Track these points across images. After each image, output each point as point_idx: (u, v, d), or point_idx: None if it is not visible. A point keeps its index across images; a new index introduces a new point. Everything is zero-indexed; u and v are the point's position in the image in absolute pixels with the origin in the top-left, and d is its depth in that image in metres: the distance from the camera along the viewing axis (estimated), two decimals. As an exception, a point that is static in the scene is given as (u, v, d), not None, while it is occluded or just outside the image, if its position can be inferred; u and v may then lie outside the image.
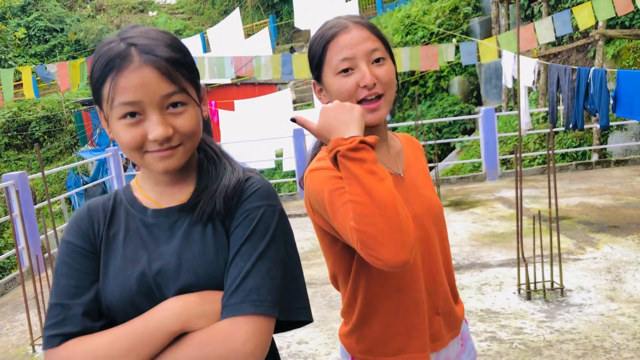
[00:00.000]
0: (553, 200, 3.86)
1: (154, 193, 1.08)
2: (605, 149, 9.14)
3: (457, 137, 11.61)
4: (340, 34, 1.21)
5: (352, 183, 1.04)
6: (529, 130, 8.11)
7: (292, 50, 17.74)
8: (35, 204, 6.20)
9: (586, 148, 9.07)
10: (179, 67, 0.98)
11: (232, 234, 1.01)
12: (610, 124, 7.45)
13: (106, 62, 0.96)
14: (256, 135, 10.19)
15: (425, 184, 1.35)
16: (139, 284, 0.99)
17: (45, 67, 8.67)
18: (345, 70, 1.21)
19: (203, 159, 1.09)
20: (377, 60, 1.21)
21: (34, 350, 3.81)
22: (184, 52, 1.01)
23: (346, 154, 1.04)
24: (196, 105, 1.02)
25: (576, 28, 7.82)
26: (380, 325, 1.27)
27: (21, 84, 9.18)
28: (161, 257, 1.00)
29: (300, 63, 7.67)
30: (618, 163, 8.35)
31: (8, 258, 6.82)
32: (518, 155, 3.83)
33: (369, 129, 1.23)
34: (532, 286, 3.89)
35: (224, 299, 0.96)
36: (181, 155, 1.00)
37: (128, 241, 1.04)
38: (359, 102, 1.21)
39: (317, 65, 1.27)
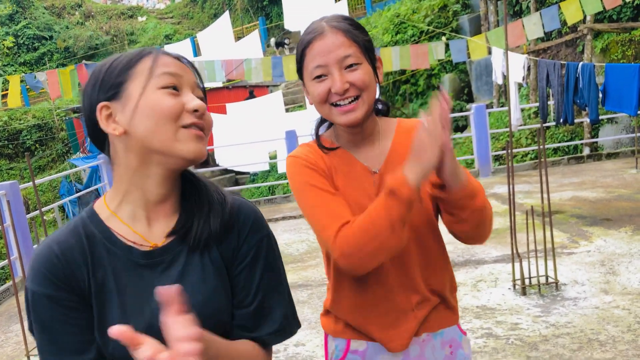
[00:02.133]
0: (545, 195, 3.87)
1: (137, 220, 0.98)
2: (596, 142, 9.19)
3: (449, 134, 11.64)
4: (316, 40, 1.24)
5: (381, 217, 1.15)
6: (520, 125, 8.15)
7: (278, 44, 17.71)
8: (29, 213, 6.17)
9: (578, 142, 9.11)
10: (200, 77, 1.03)
11: (244, 271, 1.02)
12: (601, 117, 7.50)
13: (153, 50, 1.00)
14: (249, 138, 10.19)
15: None
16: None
17: (35, 76, 8.63)
18: (319, 77, 1.24)
19: (189, 187, 1.05)
20: (350, 66, 1.24)
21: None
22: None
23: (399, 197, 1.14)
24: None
25: (564, 23, 7.85)
26: (349, 308, 1.34)
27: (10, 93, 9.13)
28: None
29: (291, 65, 7.67)
30: (609, 156, 8.40)
31: (1, 268, 6.78)
32: (509, 151, 3.84)
33: (350, 127, 1.28)
34: (527, 281, 3.90)
35: (258, 329, 1.02)
36: (204, 144, 0.99)
37: (121, 288, 0.95)
38: (333, 105, 1.25)
39: (298, 69, 1.32)
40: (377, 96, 1.33)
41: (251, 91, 16.10)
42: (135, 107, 0.93)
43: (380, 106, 1.40)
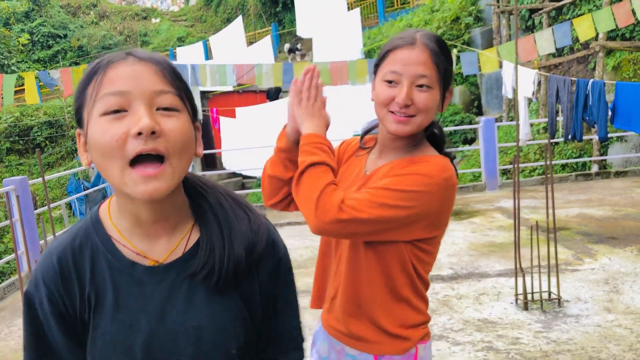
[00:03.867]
0: (551, 211, 3.87)
1: (135, 237, 0.91)
2: (605, 160, 9.15)
3: (457, 147, 11.63)
4: (403, 48, 1.28)
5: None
6: (528, 140, 8.13)
7: (291, 49, 17.75)
8: (36, 209, 6.22)
9: (586, 159, 9.08)
10: (178, 75, 0.88)
11: (264, 289, 0.98)
12: (611, 135, 7.47)
13: (96, 62, 0.86)
14: (257, 142, 10.22)
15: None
16: (145, 353, 0.88)
17: (49, 73, 8.71)
18: (390, 82, 1.28)
19: (199, 198, 0.95)
20: (421, 86, 1.26)
21: None
22: (182, 76, 0.91)
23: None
24: (190, 121, 0.87)
25: (576, 39, 7.86)
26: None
27: (24, 90, 9.23)
28: (164, 323, 0.89)
29: (301, 71, 7.71)
30: (618, 174, 8.36)
31: (7, 263, 6.84)
32: (516, 165, 3.85)
33: (392, 134, 1.34)
34: (529, 296, 3.89)
35: (269, 351, 1.01)
36: (168, 177, 0.82)
37: (121, 304, 0.89)
38: (391, 111, 1.30)
39: (377, 64, 1.35)
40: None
41: (269, 90, 16.03)
42: (85, 135, 0.86)
43: (436, 131, 1.42)
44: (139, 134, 0.80)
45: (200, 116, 1.06)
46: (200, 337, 0.90)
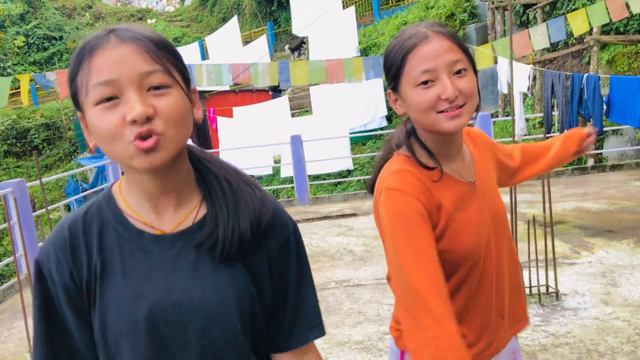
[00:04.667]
0: (548, 205, 3.89)
1: (144, 210, 0.94)
2: (601, 153, 9.19)
3: (454, 143, 11.66)
4: (421, 45, 1.17)
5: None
6: (524, 135, 8.16)
7: (294, 49, 17.74)
8: (35, 211, 6.22)
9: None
10: (163, 48, 0.87)
11: (274, 265, 0.97)
12: (606, 129, 7.51)
13: (81, 48, 0.86)
14: (254, 142, 10.24)
15: (491, 186, 1.37)
16: (149, 323, 0.89)
17: (44, 75, 8.71)
18: (425, 83, 1.17)
19: (206, 174, 0.98)
20: (459, 72, 1.18)
21: (31, 358, 3.82)
22: (168, 41, 0.91)
23: None
24: (184, 93, 0.89)
25: (570, 34, 7.88)
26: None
27: (19, 92, 9.22)
28: (169, 292, 0.90)
29: (298, 70, 7.73)
30: (613, 168, 8.39)
31: (7, 265, 6.84)
32: (512, 160, 3.86)
33: (450, 135, 1.24)
34: (527, 290, 3.91)
35: (287, 327, 0.99)
36: (167, 146, 0.85)
37: (127, 271, 0.91)
38: (440, 112, 1.19)
39: (394, 75, 1.23)
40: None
41: (273, 87, 16.01)
42: (84, 119, 0.90)
43: None
44: (134, 121, 0.83)
45: (194, 84, 0.98)
46: (203, 309, 0.90)
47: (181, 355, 0.90)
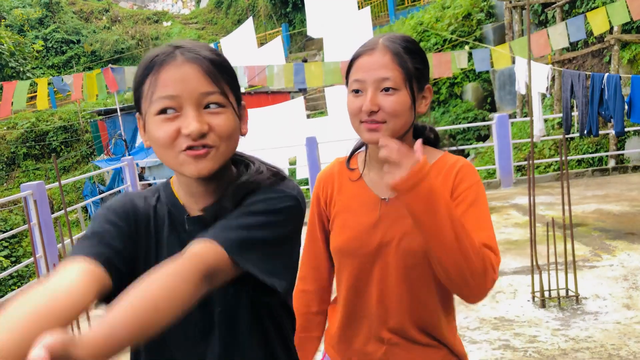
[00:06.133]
0: (567, 207, 3.83)
1: (189, 204, 1.06)
2: (622, 154, 9.03)
3: (471, 144, 11.57)
4: (363, 55, 1.25)
5: None
6: (543, 136, 8.05)
7: (304, 60, 17.82)
8: (53, 213, 6.29)
9: (603, 154, 8.97)
10: (222, 70, 0.98)
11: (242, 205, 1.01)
12: (627, 129, 7.38)
13: (149, 60, 0.97)
14: (270, 144, 10.25)
15: None
16: None
17: (62, 79, 8.82)
18: (356, 91, 1.25)
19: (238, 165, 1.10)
20: (387, 90, 1.21)
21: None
22: (227, 61, 1.02)
23: None
24: (234, 113, 1.00)
25: (590, 33, 7.76)
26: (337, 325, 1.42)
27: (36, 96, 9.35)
28: None
29: (313, 72, 7.72)
30: (635, 169, 8.24)
31: (26, 266, 6.92)
32: (531, 162, 3.81)
33: (374, 147, 1.29)
34: (546, 294, 3.85)
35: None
36: (216, 158, 0.96)
37: (171, 241, 1.03)
38: (362, 121, 1.25)
39: (346, 77, 1.32)
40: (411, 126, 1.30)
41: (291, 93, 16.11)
42: (143, 120, 1.00)
43: (430, 135, 1.37)
44: (189, 135, 0.93)
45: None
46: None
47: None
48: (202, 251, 0.89)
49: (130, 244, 0.99)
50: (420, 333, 1.30)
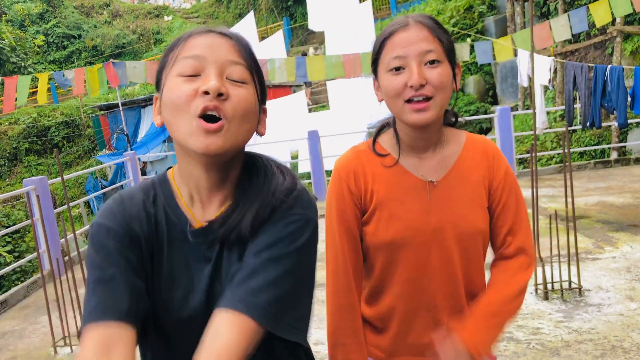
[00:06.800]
0: (570, 199, 3.82)
1: (192, 201, 0.98)
2: (624, 146, 9.01)
3: (473, 137, 11.54)
4: (398, 32, 1.20)
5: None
6: (545, 129, 8.03)
7: (304, 54, 17.78)
8: (55, 208, 6.31)
9: (605, 146, 8.95)
10: (251, 54, 0.95)
11: (258, 238, 0.92)
12: (629, 121, 7.35)
13: (178, 38, 0.95)
14: (272, 137, 10.25)
15: (465, 198, 1.27)
16: (180, 309, 0.95)
17: (63, 74, 8.81)
18: (397, 69, 1.19)
19: (250, 170, 1.00)
20: (432, 62, 1.17)
21: (55, 352, 3.88)
22: (256, 58, 0.98)
23: None
24: (256, 96, 0.94)
25: (593, 25, 7.72)
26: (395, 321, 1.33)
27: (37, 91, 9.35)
28: (200, 284, 0.95)
29: (314, 65, 7.70)
30: (638, 161, 8.23)
31: (30, 261, 6.96)
32: (533, 154, 3.81)
33: (418, 129, 1.23)
34: (549, 286, 3.85)
35: (226, 291, 0.91)
36: (227, 135, 0.88)
37: (172, 256, 0.96)
38: (407, 101, 1.19)
39: (374, 61, 1.26)
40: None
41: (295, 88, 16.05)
42: (160, 97, 0.95)
43: (449, 117, 1.33)
44: (207, 93, 0.87)
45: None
46: (207, 298, 0.95)
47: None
48: (236, 337, 0.83)
49: (140, 269, 0.93)
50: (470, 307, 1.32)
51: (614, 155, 8.80)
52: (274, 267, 0.90)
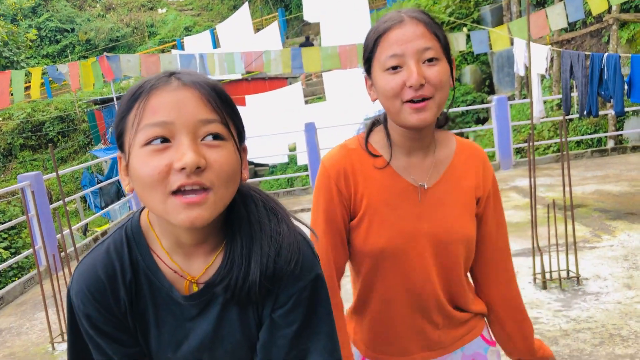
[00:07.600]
0: (567, 188, 3.82)
1: (175, 254, 0.90)
2: (621, 135, 9.02)
3: (470, 127, 11.53)
4: (393, 29, 1.13)
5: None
6: (542, 118, 8.03)
7: (307, 39, 17.63)
8: (51, 204, 6.28)
9: (602, 135, 8.95)
10: (224, 99, 0.84)
11: (281, 315, 0.90)
12: (626, 109, 7.35)
13: (137, 87, 0.82)
14: (269, 130, 10.22)
15: (457, 204, 1.24)
16: (175, 354, 0.93)
17: (57, 68, 8.75)
18: (394, 68, 1.12)
19: (233, 218, 0.91)
20: (430, 60, 1.12)
21: (53, 348, 3.87)
22: (228, 95, 0.87)
23: None
24: (236, 150, 0.84)
25: (589, 13, 7.70)
26: (370, 323, 1.31)
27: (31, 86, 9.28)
28: (202, 342, 0.92)
29: (310, 57, 7.66)
30: (634, 149, 8.23)
31: (26, 258, 6.94)
32: (531, 143, 3.79)
33: (414, 130, 1.18)
34: (547, 275, 3.86)
35: None
36: (213, 206, 0.80)
37: (160, 322, 0.91)
38: (405, 102, 1.13)
39: (367, 59, 1.20)
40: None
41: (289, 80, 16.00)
42: (126, 161, 0.84)
43: (441, 118, 1.28)
44: (182, 169, 0.77)
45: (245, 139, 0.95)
46: (234, 355, 0.93)
47: None
48: None
49: (119, 322, 0.90)
50: (461, 311, 1.32)
51: (610, 144, 8.80)
52: (317, 339, 0.92)
